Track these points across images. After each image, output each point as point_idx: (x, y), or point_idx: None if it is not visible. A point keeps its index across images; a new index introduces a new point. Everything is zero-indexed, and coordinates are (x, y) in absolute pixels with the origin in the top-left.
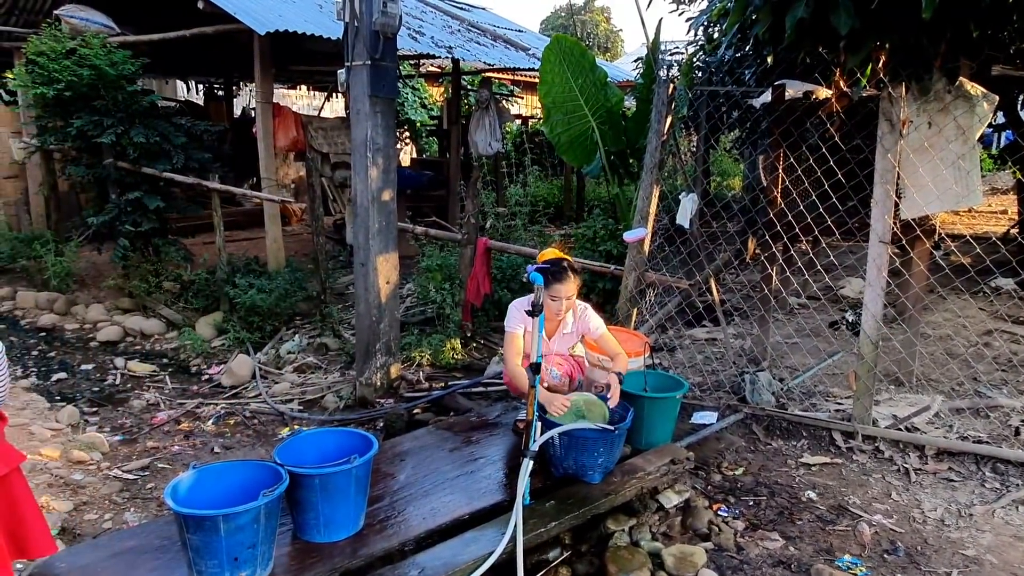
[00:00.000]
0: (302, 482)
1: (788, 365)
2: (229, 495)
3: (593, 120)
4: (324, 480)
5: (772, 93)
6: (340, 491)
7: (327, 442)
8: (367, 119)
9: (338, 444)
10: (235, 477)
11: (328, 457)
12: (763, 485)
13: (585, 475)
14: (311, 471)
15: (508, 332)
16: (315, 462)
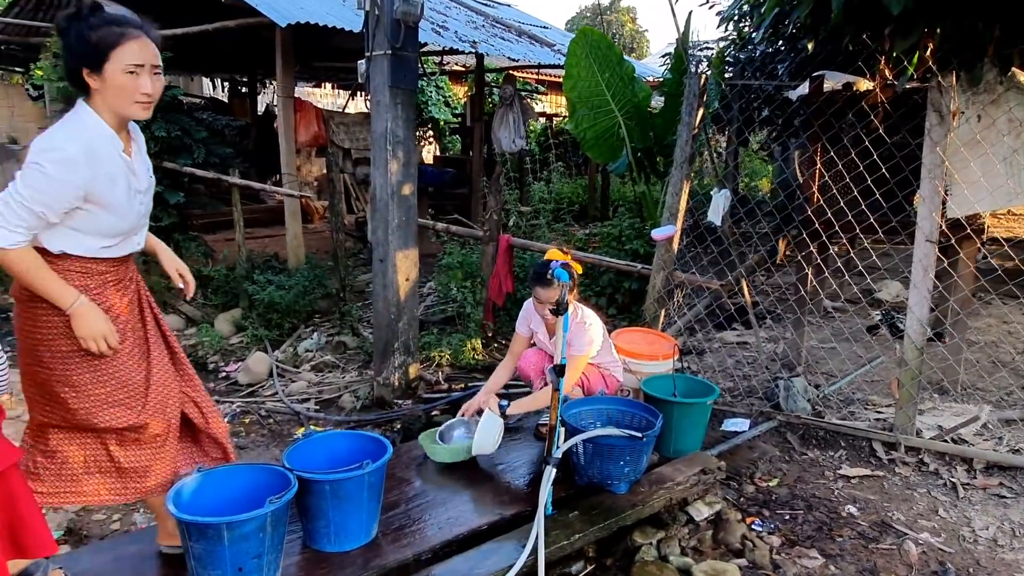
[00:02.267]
0: (312, 488)
1: (824, 371)
2: (235, 501)
3: (620, 115)
4: (335, 486)
5: (810, 85)
6: (352, 498)
7: (339, 445)
8: (387, 111)
9: (350, 448)
10: (241, 481)
11: (340, 461)
12: (800, 498)
13: (611, 484)
14: (321, 476)
15: (516, 332)
16: (326, 466)
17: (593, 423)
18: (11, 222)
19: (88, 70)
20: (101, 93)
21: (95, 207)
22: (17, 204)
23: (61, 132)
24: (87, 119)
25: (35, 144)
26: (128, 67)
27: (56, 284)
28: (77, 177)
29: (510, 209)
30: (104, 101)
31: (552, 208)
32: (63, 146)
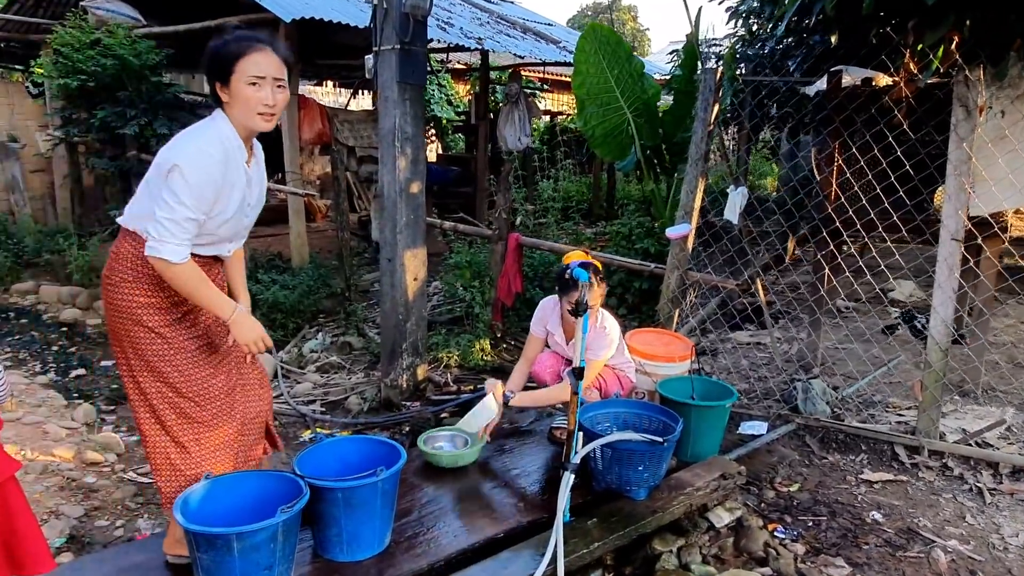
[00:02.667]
0: (324, 495)
1: (841, 372)
2: (244, 509)
3: (629, 112)
4: (348, 494)
5: (828, 81)
6: (365, 506)
7: (350, 451)
8: (395, 107)
9: (362, 453)
10: (251, 489)
11: (351, 467)
12: (822, 504)
13: (629, 491)
14: (334, 484)
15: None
16: (338, 472)
17: (609, 427)
18: (179, 237)
19: (219, 83)
20: (230, 106)
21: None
22: (182, 218)
23: (201, 137)
24: (223, 126)
25: (173, 151)
26: (250, 78)
27: (216, 295)
28: (218, 177)
29: (517, 208)
30: (232, 113)
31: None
32: (206, 149)
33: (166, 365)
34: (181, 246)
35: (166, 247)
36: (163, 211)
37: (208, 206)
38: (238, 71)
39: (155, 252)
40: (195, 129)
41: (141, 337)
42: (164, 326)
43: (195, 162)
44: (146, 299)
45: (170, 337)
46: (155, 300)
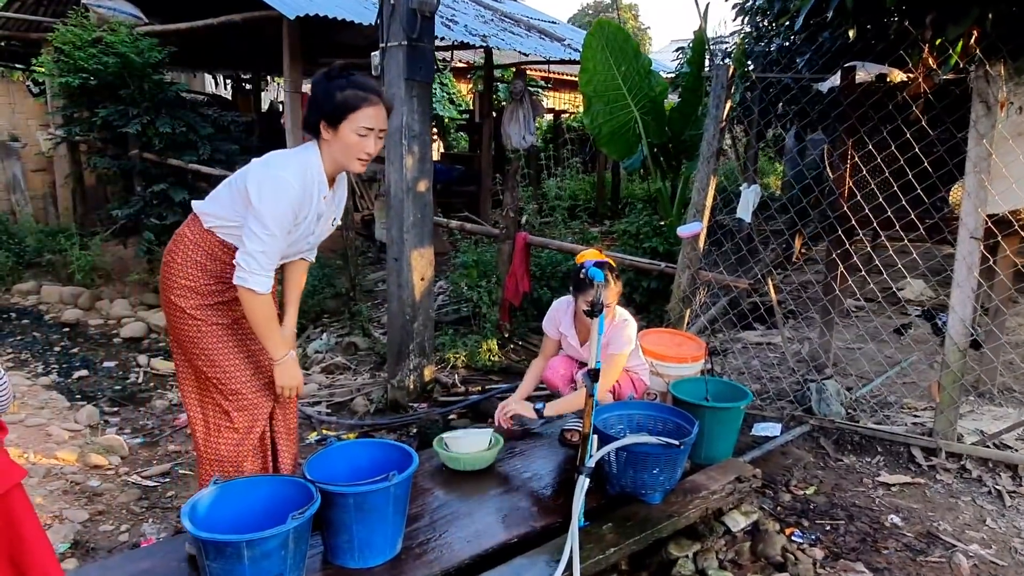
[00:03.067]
0: (335, 501)
1: (853, 372)
2: (254, 515)
3: (636, 110)
4: (359, 499)
5: (842, 76)
6: (377, 511)
7: (360, 455)
8: (402, 104)
9: (373, 457)
10: (261, 494)
11: (362, 472)
12: (839, 507)
13: (644, 494)
14: (345, 489)
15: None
16: (348, 477)
17: (622, 429)
18: (267, 268)
19: (325, 123)
20: (329, 144)
21: None
22: (273, 250)
23: (287, 167)
24: (312, 160)
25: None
26: (361, 129)
27: (278, 335)
28: (295, 206)
29: (524, 207)
30: (329, 151)
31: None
32: (289, 180)
33: (194, 348)
34: (268, 277)
35: (254, 278)
36: (253, 243)
37: (282, 230)
38: (351, 120)
39: (243, 283)
40: (284, 157)
41: (177, 317)
42: (196, 308)
43: (276, 192)
44: (187, 281)
45: (200, 318)
46: (194, 284)
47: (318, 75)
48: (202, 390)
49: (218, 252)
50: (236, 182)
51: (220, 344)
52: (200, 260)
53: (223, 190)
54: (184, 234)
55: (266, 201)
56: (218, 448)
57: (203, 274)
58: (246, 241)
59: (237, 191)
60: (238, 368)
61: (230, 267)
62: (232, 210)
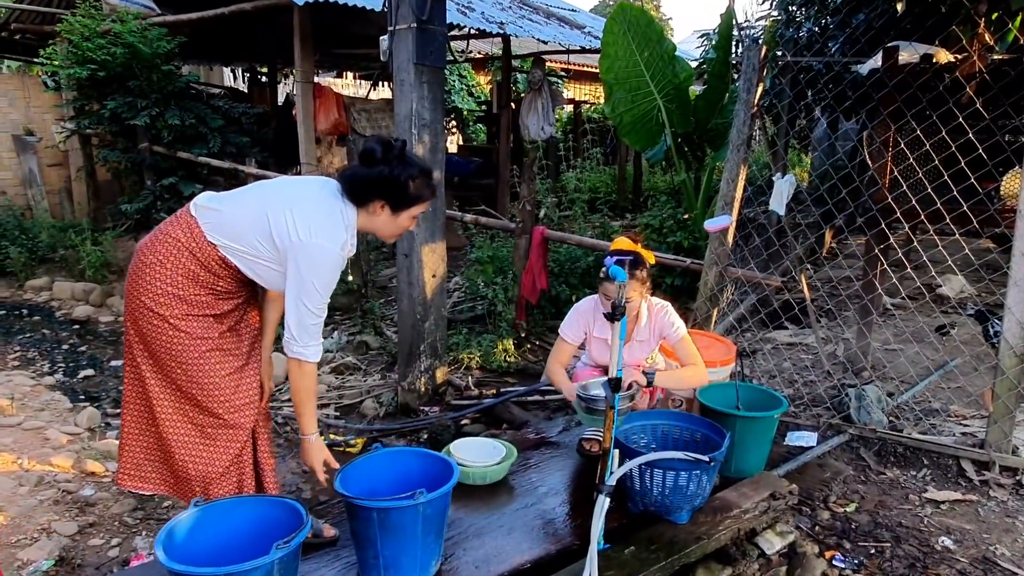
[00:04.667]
0: (359, 514)
1: (892, 376)
2: (239, 541)
3: (659, 98)
4: (383, 515)
5: (884, 58)
6: (404, 531)
7: (409, 465)
8: (412, 90)
9: (422, 468)
10: (245, 516)
11: (409, 484)
12: (884, 527)
13: (671, 513)
14: (368, 503)
15: (559, 336)
16: (393, 488)
17: (646, 441)
18: (319, 337)
19: (385, 204)
20: (375, 218)
21: None
22: (319, 316)
23: (337, 239)
24: (351, 224)
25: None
26: (416, 216)
27: (313, 409)
28: (338, 272)
29: (542, 200)
30: (372, 223)
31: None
32: (339, 253)
33: (171, 360)
34: (320, 345)
35: (311, 350)
36: (308, 318)
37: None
38: (413, 209)
39: (301, 356)
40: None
41: (154, 326)
42: (180, 318)
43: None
44: (174, 289)
45: (184, 331)
46: (183, 293)
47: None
48: (177, 403)
49: (216, 267)
50: (272, 227)
51: (202, 359)
52: (193, 269)
53: (245, 221)
54: (176, 237)
55: (320, 276)
56: (186, 466)
57: (194, 284)
58: (299, 316)
59: (270, 233)
60: (221, 385)
61: (225, 280)
62: (258, 248)
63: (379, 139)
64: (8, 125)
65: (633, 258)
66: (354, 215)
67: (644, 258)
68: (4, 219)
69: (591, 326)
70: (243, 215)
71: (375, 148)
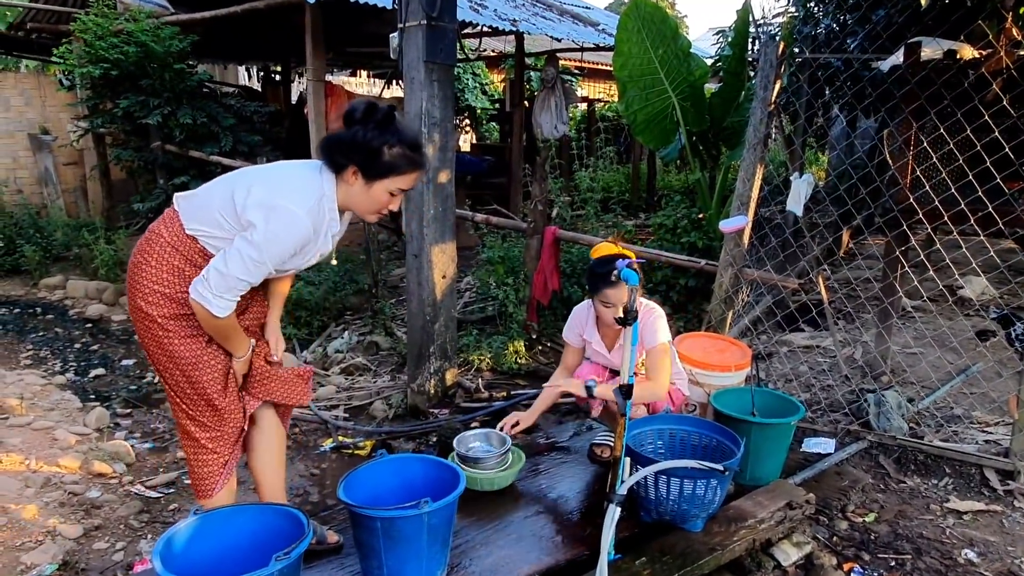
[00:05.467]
0: (363, 523)
1: (913, 381)
2: (239, 550)
3: (674, 96)
4: (387, 525)
5: (905, 54)
6: (408, 541)
7: (414, 471)
8: (422, 89)
9: (427, 475)
10: (247, 526)
11: (415, 492)
12: (904, 538)
13: (684, 522)
14: (372, 512)
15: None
16: (397, 494)
17: (657, 447)
18: (235, 293)
19: (359, 171)
20: (351, 189)
21: None
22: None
23: (303, 203)
24: (329, 191)
25: (270, 203)
26: (396, 190)
27: (240, 336)
28: (299, 243)
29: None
30: (348, 194)
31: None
32: (303, 218)
33: (163, 356)
34: (232, 303)
35: (218, 301)
36: (236, 267)
37: (279, 263)
38: (391, 181)
39: (202, 300)
40: (297, 184)
41: (145, 326)
42: (168, 317)
43: (284, 227)
44: (160, 287)
45: (172, 329)
46: (170, 291)
47: (358, 108)
48: (174, 404)
49: (199, 260)
50: (234, 196)
51: (193, 357)
52: (178, 264)
53: (214, 199)
54: (160, 233)
55: (270, 233)
56: (192, 469)
57: (180, 280)
58: (228, 261)
59: (232, 205)
60: (211, 384)
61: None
62: (222, 223)
63: (366, 100)
64: (24, 124)
65: (624, 260)
66: (332, 184)
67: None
68: (20, 218)
69: (583, 329)
70: (213, 196)
71: (356, 107)
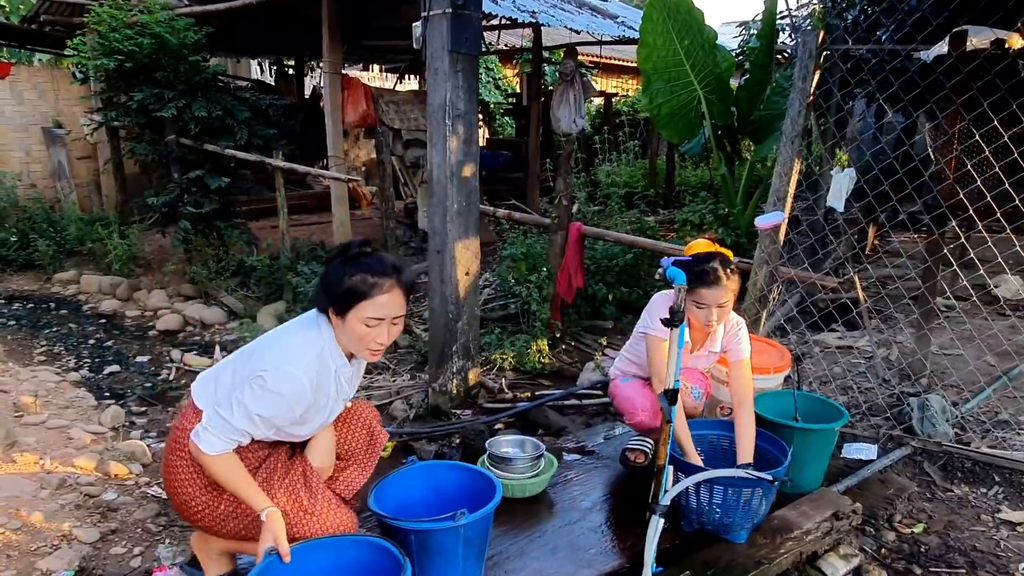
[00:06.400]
0: (394, 535)
1: (953, 384)
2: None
3: (700, 88)
4: (421, 538)
5: (951, 43)
6: (443, 554)
7: (445, 479)
8: (446, 79)
9: (460, 483)
10: (325, 561)
11: (446, 501)
12: (956, 551)
13: (728, 533)
14: (406, 524)
15: (649, 335)
16: (428, 503)
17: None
18: (225, 435)
19: (332, 309)
20: (336, 331)
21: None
22: (242, 428)
23: (300, 359)
24: (329, 343)
25: (272, 362)
26: (369, 320)
27: (251, 489)
28: (303, 405)
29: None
30: (338, 335)
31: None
32: (299, 375)
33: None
34: (223, 443)
35: (207, 439)
36: (227, 411)
37: (281, 423)
38: (358, 309)
39: (196, 438)
40: (299, 346)
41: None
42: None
43: (282, 389)
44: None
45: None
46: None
47: (333, 250)
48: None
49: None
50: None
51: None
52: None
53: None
54: (185, 428)
55: (265, 393)
56: None
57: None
58: (226, 404)
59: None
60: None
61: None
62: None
63: (344, 243)
64: (38, 117)
65: (723, 259)
66: (330, 331)
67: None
68: (33, 212)
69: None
70: (223, 375)
71: (331, 250)
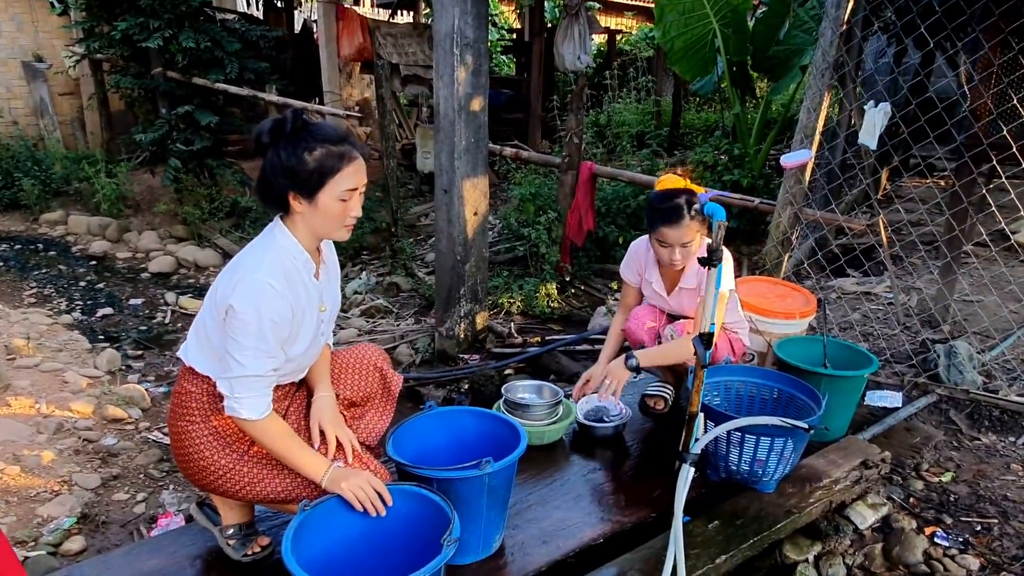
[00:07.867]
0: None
1: (976, 331)
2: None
3: (715, 21)
4: (444, 486)
5: None
6: (468, 503)
7: (466, 425)
8: (453, 4)
9: (481, 430)
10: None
11: (466, 447)
12: (987, 500)
13: (757, 483)
14: (428, 472)
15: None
16: (448, 450)
17: (719, 401)
18: (257, 390)
19: (296, 194)
20: (305, 216)
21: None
22: (254, 374)
23: (259, 268)
24: (285, 243)
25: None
26: (344, 194)
27: (307, 453)
28: (286, 313)
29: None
30: (306, 223)
31: (637, 131)
32: (266, 282)
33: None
34: (261, 398)
35: (243, 404)
36: (233, 369)
37: (281, 343)
38: (331, 186)
39: (234, 412)
40: (251, 257)
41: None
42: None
43: (254, 302)
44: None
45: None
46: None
47: (264, 129)
48: None
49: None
50: (208, 308)
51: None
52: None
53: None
54: (189, 392)
55: (244, 317)
56: None
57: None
58: (231, 363)
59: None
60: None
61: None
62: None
63: (270, 119)
64: (17, 51)
65: (688, 196)
66: (283, 230)
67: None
68: (17, 150)
69: (643, 268)
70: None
71: (261, 130)
